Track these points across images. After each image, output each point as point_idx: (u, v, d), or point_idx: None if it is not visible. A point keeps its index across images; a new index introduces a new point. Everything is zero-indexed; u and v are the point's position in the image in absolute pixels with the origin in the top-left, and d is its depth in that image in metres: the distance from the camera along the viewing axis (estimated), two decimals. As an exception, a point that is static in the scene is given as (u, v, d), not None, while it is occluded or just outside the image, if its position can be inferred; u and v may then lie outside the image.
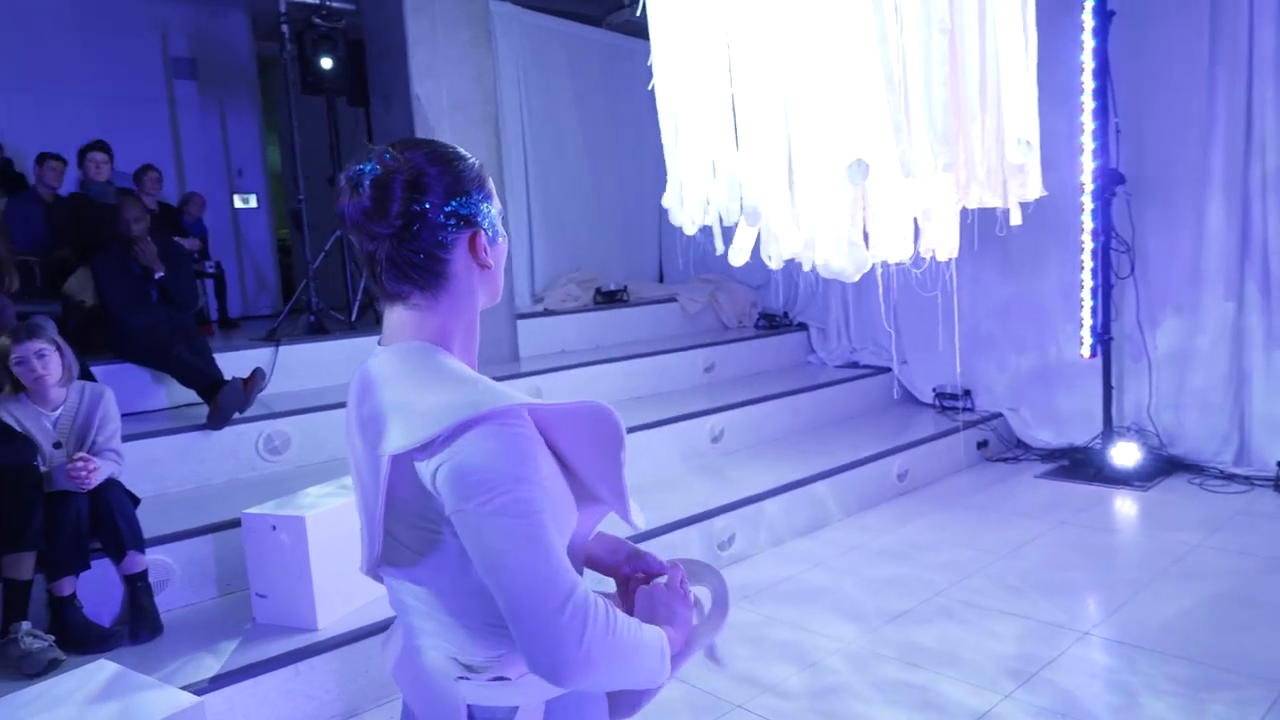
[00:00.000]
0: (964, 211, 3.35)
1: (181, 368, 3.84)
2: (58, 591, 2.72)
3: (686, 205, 3.42)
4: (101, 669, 2.12)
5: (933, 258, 3.40)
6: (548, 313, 5.99)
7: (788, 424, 5.15)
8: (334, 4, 4.99)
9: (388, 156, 0.99)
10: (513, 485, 0.89)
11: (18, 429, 2.78)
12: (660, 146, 5.49)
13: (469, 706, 1.01)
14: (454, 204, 1.01)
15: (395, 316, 1.04)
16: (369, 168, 0.99)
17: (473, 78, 5.03)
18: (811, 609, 3.28)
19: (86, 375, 3.77)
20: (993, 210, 3.44)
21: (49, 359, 2.83)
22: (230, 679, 2.49)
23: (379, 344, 1.06)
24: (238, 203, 8.58)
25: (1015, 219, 3.36)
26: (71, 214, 4.92)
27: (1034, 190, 3.09)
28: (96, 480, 2.77)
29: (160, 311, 4.09)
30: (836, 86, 2.92)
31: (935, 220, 3.23)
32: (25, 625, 2.63)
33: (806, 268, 3.31)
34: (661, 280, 7.43)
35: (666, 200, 3.34)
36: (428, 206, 0.99)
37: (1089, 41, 4.37)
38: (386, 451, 0.93)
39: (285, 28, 4.78)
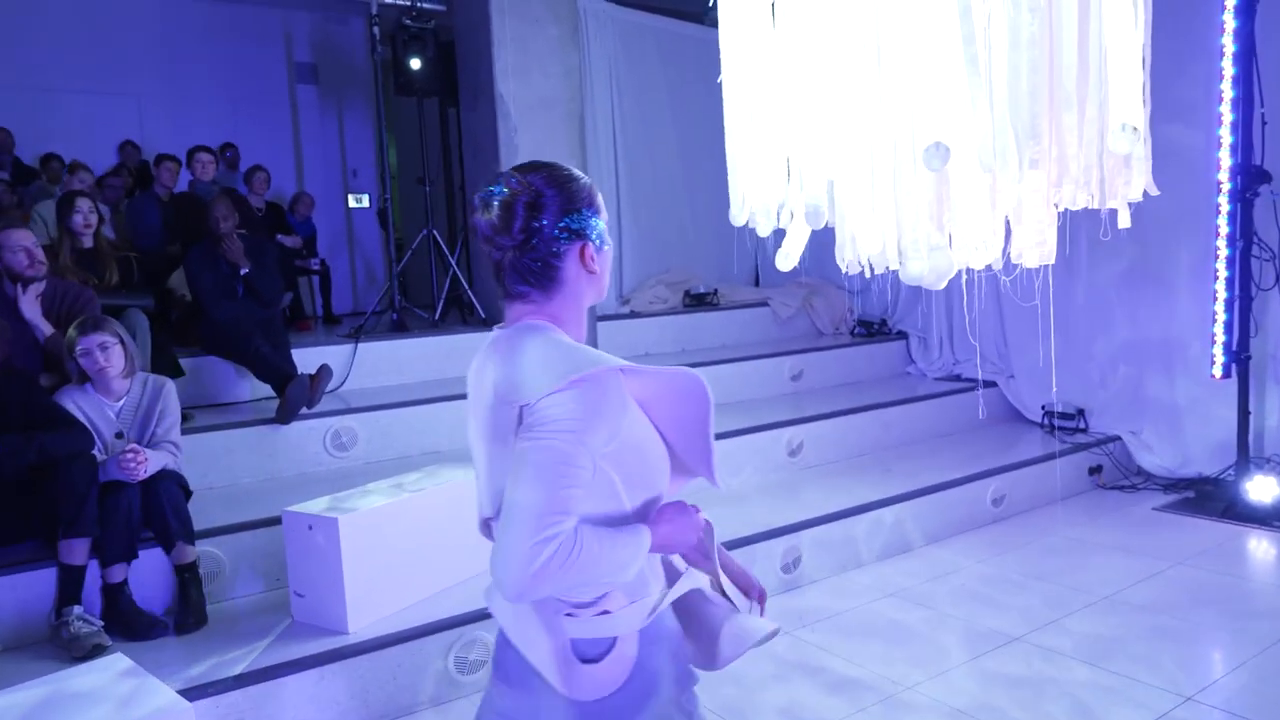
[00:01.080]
0: (1069, 213, 3.02)
1: (259, 361, 3.95)
2: (109, 579, 2.81)
3: (748, 206, 3.22)
4: (115, 662, 2.14)
5: (1024, 264, 3.07)
6: (633, 315, 5.88)
7: (876, 439, 4.83)
8: (424, 5, 5.04)
9: (514, 181, 1.17)
10: (562, 435, 1.04)
11: (81, 417, 2.89)
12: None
13: (572, 640, 1.16)
14: (566, 220, 1.18)
15: (515, 310, 1.21)
16: (497, 190, 1.17)
17: (559, 75, 4.97)
18: (871, 644, 3.02)
19: (175, 367, 3.95)
20: (1096, 212, 3.08)
21: (111, 351, 2.92)
22: (254, 679, 2.49)
23: (498, 329, 1.24)
24: (351, 202, 8.92)
25: (1124, 221, 2.99)
26: (179, 212, 5.17)
27: (1139, 189, 2.72)
28: (146, 472, 2.84)
29: (246, 306, 4.21)
30: (912, 71, 2.66)
31: (1026, 222, 2.91)
32: (77, 609, 2.72)
33: (878, 270, 3.05)
34: (757, 284, 7.19)
35: (733, 209, 3.15)
36: (545, 223, 1.17)
37: (1230, 22, 3.87)
38: (523, 400, 1.09)
39: (376, 29, 4.86)
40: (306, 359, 4.24)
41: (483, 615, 2.81)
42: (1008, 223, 2.95)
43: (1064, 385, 5.11)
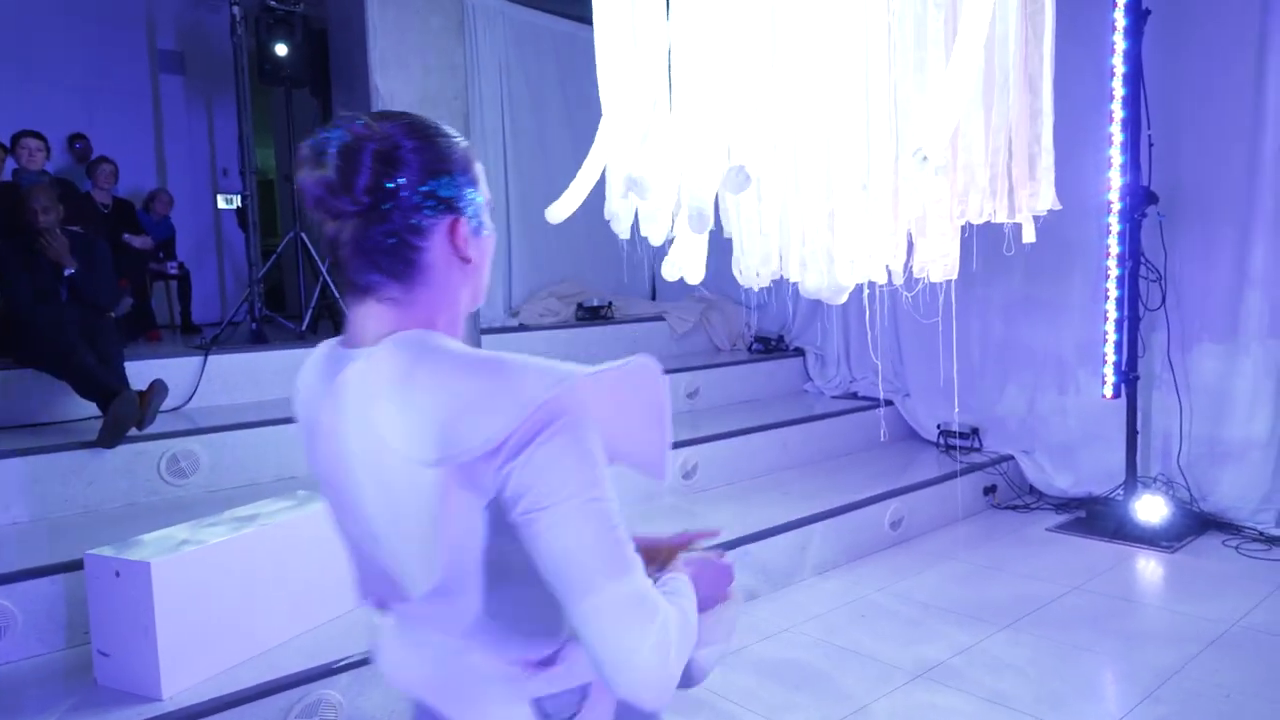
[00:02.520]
0: (969, 227, 2.88)
1: (80, 374, 3.43)
2: None
3: (626, 214, 2.98)
4: None
5: (927, 279, 2.92)
6: (522, 328, 5.55)
7: (774, 460, 4.65)
8: (293, -13, 4.62)
9: (359, 125, 0.88)
10: (591, 487, 0.83)
11: None
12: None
13: (535, 700, 0.94)
14: (432, 184, 0.90)
15: (367, 312, 0.92)
16: (336, 134, 0.88)
17: (442, 70, 4.61)
18: (769, 685, 2.78)
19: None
20: (1001, 227, 2.96)
21: None
22: (35, 763, 2.04)
23: (342, 344, 0.95)
24: (221, 203, 8.25)
25: (1028, 235, 2.88)
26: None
27: (1045, 201, 2.60)
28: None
29: (71, 311, 3.69)
30: (809, 66, 2.46)
31: (930, 235, 2.75)
32: None
33: (770, 282, 2.85)
34: (654, 297, 6.98)
35: (561, 211, 2.91)
36: (401, 183, 0.88)
37: (1120, 43, 3.88)
38: (456, 456, 0.81)
39: (236, 9, 4.40)
40: (146, 372, 3.74)
41: (330, 670, 2.43)
42: (909, 237, 2.80)
43: (959, 404, 5.06)
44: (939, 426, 5.11)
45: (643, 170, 2.53)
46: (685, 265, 2.73)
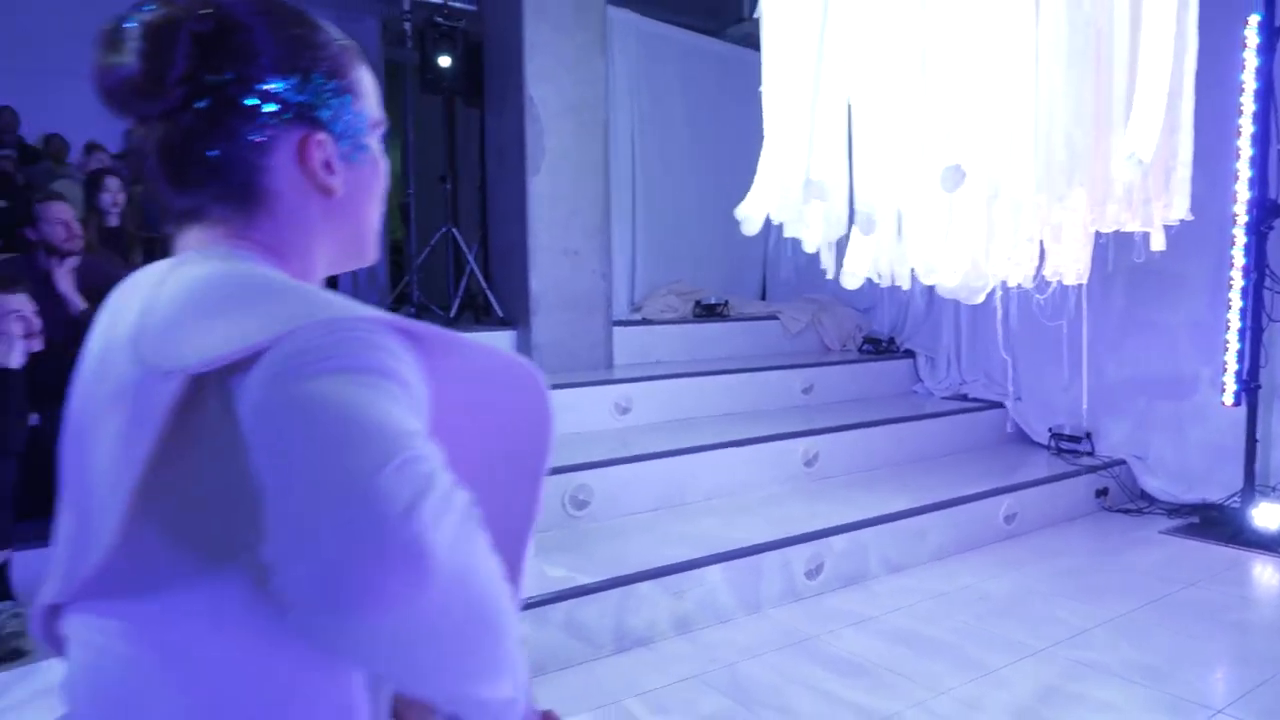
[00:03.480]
0: (1097, 234, 3.08)
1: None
2: None
3: (784, 211, 3.27)
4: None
5: (1058, 283, 3.14)
6: (645, 322, 5.91)
7: (888, 454, 4.88)
8: (455, 4, 5.07)
9: None
10: (360, 351, 0.56)
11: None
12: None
13: None
14: (280, 82, 0.67)
15: (190, 240, 0.69)
16: (147, 9, 0.65)
17: (587, 82, 5.01)
18: (898, 649, 3.04)
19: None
20: (1129, 234, 3.15)
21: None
22: None
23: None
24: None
25: (1157, 244, 3.07)
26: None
27: (1179, 211, 2.80)
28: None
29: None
30: (961, 88, 2.72)
31: (1065, 241, 2.97)
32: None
33: (905, 285, 3.09)
34: (764, 297, 7.26)
35: (744, 209, 3.19)
36: (229, 78, 0.66)
37: (1252, 60, 3.99)
38: (189, 363, 0.57)
39: (408, 25, 4.87)
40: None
41: None
42: (1041, 244, 3.02)
43: (1071, 408, 5.18)
44: (1050, 429, 5.24)
45: (821, 174, 2.81)
46: (856, 267, 3.00)
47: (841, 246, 3.25)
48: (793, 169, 3.16)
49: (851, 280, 3.04)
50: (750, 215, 3.39)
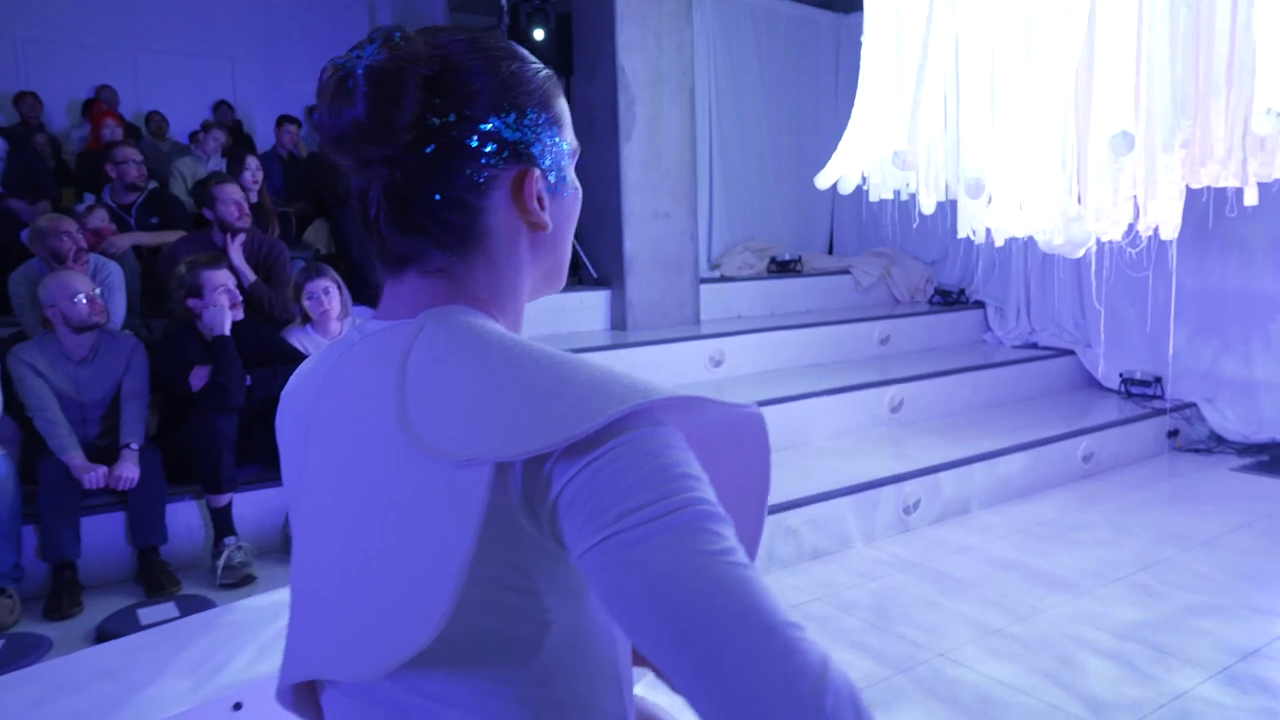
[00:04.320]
0: (1195, 190, 3.29)
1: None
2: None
3: (880, 174, 3.49)
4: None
5: (1154, 235, 3.36)
6: (725, 279, 6.18)
7: (967, 400, 5.15)
8: (547, -21, 5.30)
9: (398, 36, 0.67)
10: (687, 486, 0.57)
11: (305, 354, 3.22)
12: (839, 118, 5.46)
13: None
14: (497, 122, 0.68)
15: (403, 289, 0.71)
16: (367, 54, 0.66)
17: (674, 50, 5.23)
18: (1002, 575, 3.36)
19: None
20: (1220, 190, 3.36)
21: (333, 295, 3.25)
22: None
23: (375, 317, 0.73)
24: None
25: (1250, 199, 3.28)
26: (311, 171, 5.47)
27: (1277, 168, 3.01)
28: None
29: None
30: (1069, 58, 2.94)
31: (1160, 197, 3.20)
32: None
33: (1003, 238, 3.34)
34: (831, 252, 7.48)
35: (829, 177, 3.41)
36: (453, 120, 0.66)
37: (1334, 13, 4.11)
38: (495, 454, 0.57)
39: (504, 1, 5.12)
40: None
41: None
42: (1135, 200, 3.24)
43: (1141, 354, 5.40)
44: (1121, 375, 5.47)
45: (910, 145, 3.06)
46: (972, 225, 3.25)
47: (950, 207, 3.50)
48: (886, 136, 3.40)
49: (966, 228, 3.28)
50: (845, 174, 3.63)
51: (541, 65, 0.74)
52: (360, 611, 0.64)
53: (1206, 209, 3.48)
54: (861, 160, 3.67)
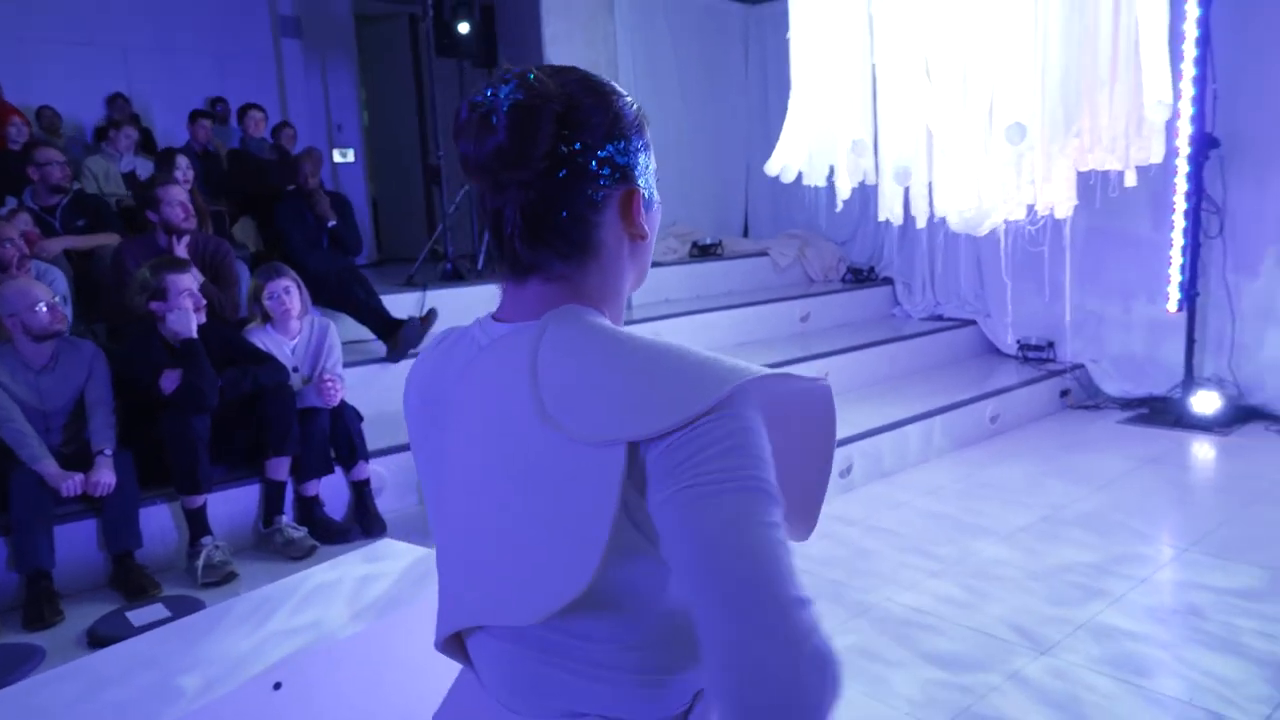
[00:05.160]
0: (1083, 173, 3.69)
1: (360, 308, 4.32)
2: (305, 492, 3.23)
3: (815, 162, 3.76)
4: (387, 547, 2.60)
5: (1050, 215, 3.75)
6: (654, 264, 6.38)
7: (885, 371, 5.53)
8: (470, -29, 5.36)
9: (535, 80, 0.78)
10: (756, 465, 0.69)
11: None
12: (750, 106, 5.79)
13: None
14: (610, 149, 0.80)
15: (527, 293, 0.82)
16: (505, 93, 0.77)
17: (599, 42, 5.39)
18: (931, 526, 3.71)
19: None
20: (1104, 173, 3.77)
21: (293, 294, 3.30)
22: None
23: (493, 317, 0.85)
24: (337, 157, 9.04)
25: (1130, 180, 3.70)
26: (234, 168, 5.39)
27: (1157, 154, 3.41)
28: (340, 398, 3.25)
29: (331, 257, 4.55)
30: (980, 59, 3.26)
31: (1055, 181, 3.58)
32: (285, 519, 3.14)
33: (921, 223, 3.66)
34: (746, 235, 7.79)
35: (777, 163, 3.68)
36: (578, 148, 0.78)
37: (1193, 10, 4.61)
38: (628, 435, 0.70)
39: (429, -9, 5.17)
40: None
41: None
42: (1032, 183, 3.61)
43: (1034, 321, 5.90)
44: (1018, 341, 5.96)
45: (862, 133, 3.33)
46: (892, 209, 3.54)
47: (868, 192, 3.80)
48: (829, 127, 3.67)
49: (888, 213, 3.58)
50: (788, 165, 3.89)
51: (634, 99, 0.87)
52: (518, 569, 0.77)
53: (1094, 191, 3.88)
54: (800, 148, 3.93)
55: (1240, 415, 5.00)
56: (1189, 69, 4.67)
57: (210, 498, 3.04)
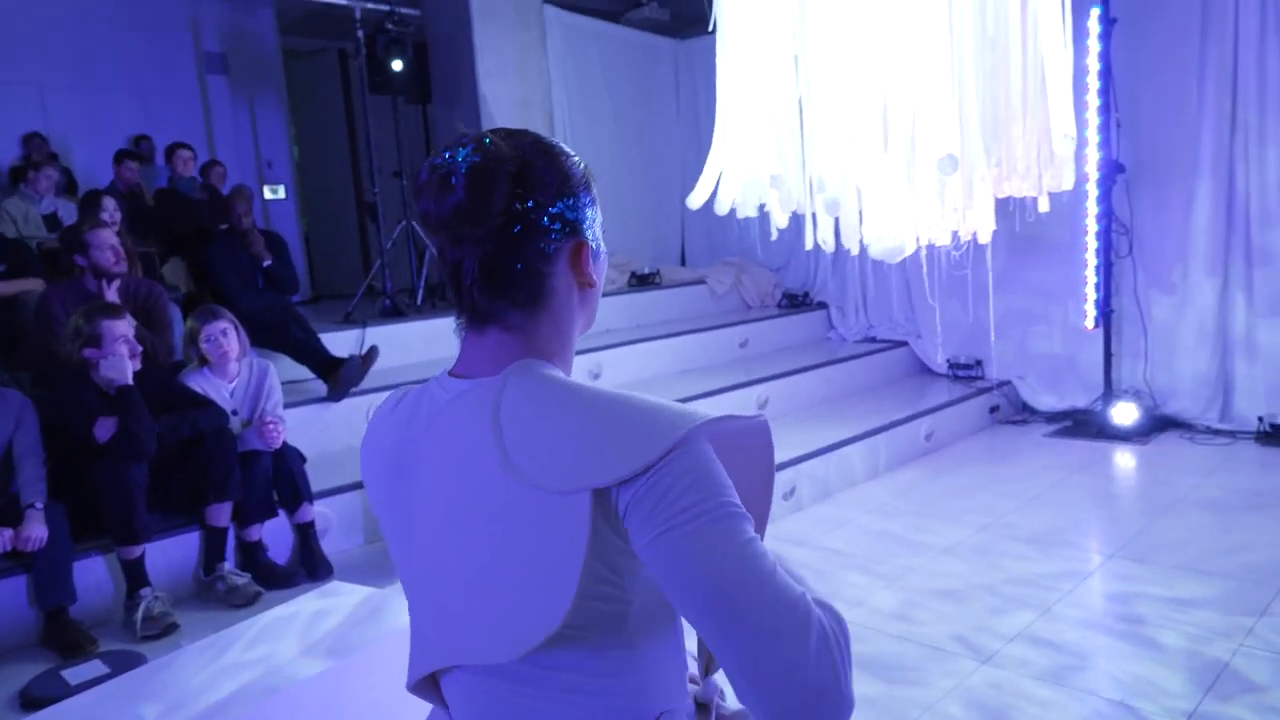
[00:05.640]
0: (1002, 200, 3.88)
1: (299, 348, 4.26)
2: (247, 537, 3.17)
3: (745, 194, 3.87)
4: (336, 589, 2.57)
5: (972, 240, 3.92)
6: (591, 295, 6.44)
7: (822, 393, 5.67)
8: (403, 11, 5.37)
9: (490, 143, 0.85)
10: (721, 491, 0.77)
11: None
12: (683, 138, 5.86)
13: None
14: (561, 205, 0.87)
15: (488, 341, 0.89)
16: (463, 155, 0.84)
17: (533, 77, 5.46)
18: (878, 542, 3.81)
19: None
20: (1022, 200, 3.97)
21: (230, 337, 3.25)
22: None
23: (450, 374, 0.92)
24: (267, 194, 8.90)
25: (1044, 206, 3.91)
26: (161, 208, 5.28)
27: (1068, 181, 3.61)
28: (281, 440, 3.21)
29: (267, 296, 4.49)
30: (905, 93, 3.42)
31: (977, 207, 3.75)
32: (227, 566, 3.08)
33: (854, 251, 3.80)
34: (683, 263, 7.91)
35: (699, 197, 3.78)
36: (531, 205, 0.85)
37: (1094, 46, 4.90)
38: (591, 484, 0.76)
39: (360, 32, 5.16)
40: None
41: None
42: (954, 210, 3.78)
43: (963, 341, 6.13)
44: (948, 360, 6.18)
45: (780, 168, 3.45)
46: (824, 237, 3.66)
47: (801, 221, 3.93)
48: (752, 161, 3.78)
49: (820, 242, 3.71)
50: (721, 199, 4.00)
51: (580, 159, 0.95)
52: (492, 610, 0.83)
53: (1013, 216, 4.08)
54: (732, 181, 4.04)
55: (1157, 424, 5.26)
56: (1093, 100, 4.96)
57: (148, 547, 2.96)
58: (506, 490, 0.79)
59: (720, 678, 1.02)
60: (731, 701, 1.06)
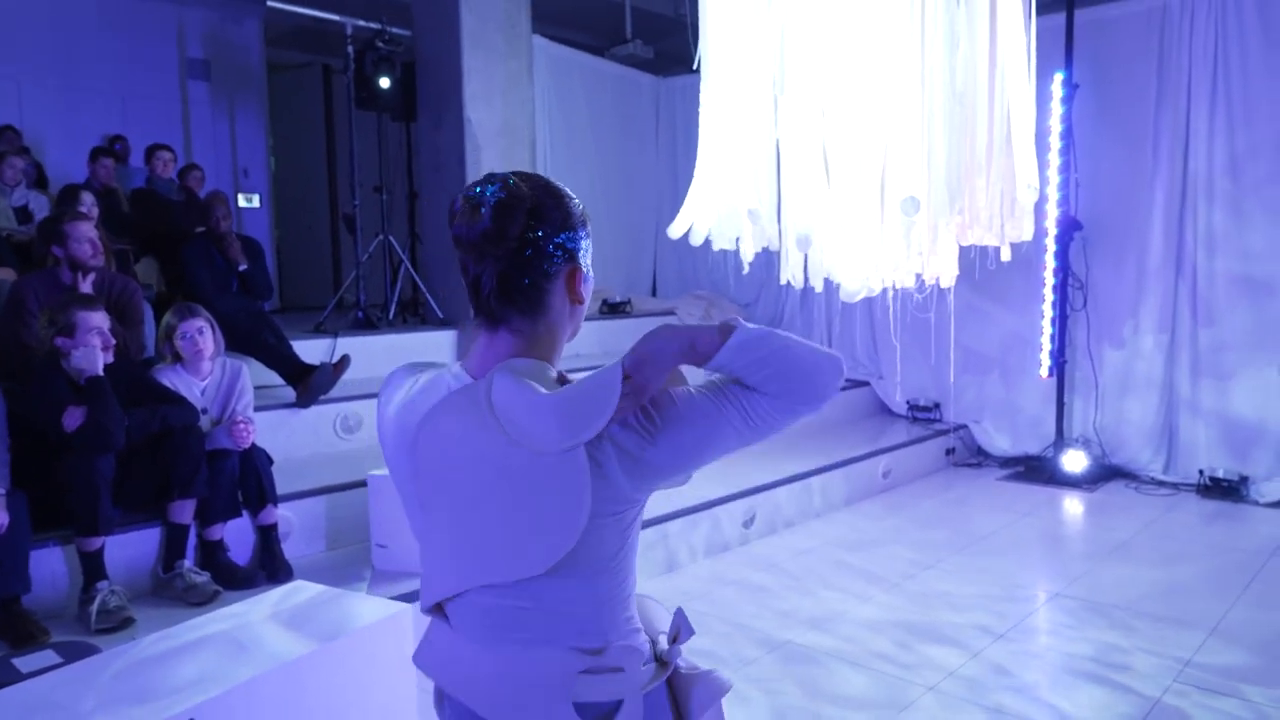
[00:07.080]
0: (964, 248, 4.04)
1: (271, 353, 4.27)
2: (209, 536, 3.16)
3: (722, 226, 3.99)
4: (300, 588, 2.58)
5: (935, 284, 4.07)
6: (563, 319, 6.51)
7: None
8: (393, 30, 5.47)
9: (513, 183, 1.07)
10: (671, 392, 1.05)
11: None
12: (660, 172, 5.98)
13: (576, 705, 1.05)
14: (562, 237, 1.09)
15: (498, 340, 1.10)
16: (491, 191, 1.06)
17: (517, 105, 5.56)
18: (835, 573, 3.89)
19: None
20: (983, 248, 4.14)
21: (206, 335, 3.27)
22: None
23: (464, 366, 1.12)
24: (242, 202, 8.88)
25: (1005, 255, 4.07)
26: (138, 207, 5.27)
27: (1027, 232, 3.78)
28: (251, 440, 3.21)
29: (240, 300, 4.50)
30: (875, 141, 3.57)
31: (940, 253, 3.91)
32: (186, 563, 3.06)
33: (819, 288, 3.92)
34: (654, 294, 8.03)
35: (679, 228, 3.90)
36: (540, 235, 1.07)
37: (1057, 109, 5.15)
38: (583, 439, 0.98)
39: (350, 49, 5.24)
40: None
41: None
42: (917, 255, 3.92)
43: (923, 383, 6.29)
44: (907, 401, 6.33)
45: (757, 204, 3.58)
46: (794, 273, 3.78)
47: (771, 257, 4.05)
48: (730, 196, 3.90)
49: (791, 279, 3.83)
50: (698, 231, 4.11)
51: (579, 200, 1.16)
52: (508, 543, 1.05)
53: (974, 264, 4.25)
54: (707, 214, 4.16)
55: (1105, 473, 5.44)
56: (1055, 159, 5.19)
57: (108, 541, 2.94)
58: (513, 456, 1.00)
59: (685, 647, 1.22)
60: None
